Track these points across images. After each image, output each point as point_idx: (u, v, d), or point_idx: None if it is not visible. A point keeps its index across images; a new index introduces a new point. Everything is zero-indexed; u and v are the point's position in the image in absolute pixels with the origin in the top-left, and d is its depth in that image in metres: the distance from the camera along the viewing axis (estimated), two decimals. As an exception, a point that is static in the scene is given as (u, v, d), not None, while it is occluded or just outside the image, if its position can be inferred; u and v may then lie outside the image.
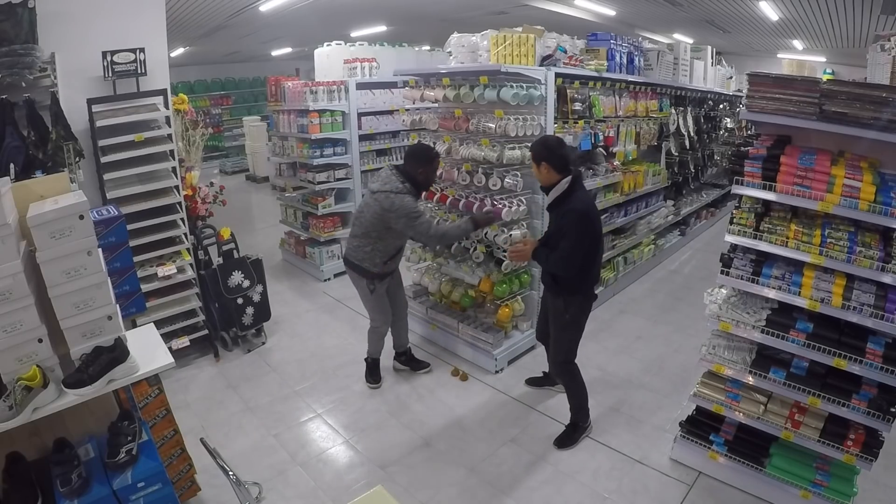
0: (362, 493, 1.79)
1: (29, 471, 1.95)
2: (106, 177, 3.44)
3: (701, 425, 2.86)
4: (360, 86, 5.44)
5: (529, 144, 3.51)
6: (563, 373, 3.11)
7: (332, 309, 4.99)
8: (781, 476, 2.59)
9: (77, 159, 3.16)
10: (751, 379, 2.58)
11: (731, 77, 7.56)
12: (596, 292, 3.10)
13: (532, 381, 3.67)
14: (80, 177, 3.14)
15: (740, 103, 5.46)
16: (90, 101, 3.35)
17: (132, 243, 3.14)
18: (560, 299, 2.96)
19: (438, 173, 3.90)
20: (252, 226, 8.20)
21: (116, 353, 1.96)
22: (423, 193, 3.49)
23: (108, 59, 3.38)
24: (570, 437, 3.13)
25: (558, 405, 3.41)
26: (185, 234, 3.87)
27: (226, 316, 4.14)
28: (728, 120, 7.61)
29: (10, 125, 3.01)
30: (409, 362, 3.88)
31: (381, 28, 8.56)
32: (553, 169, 2.82)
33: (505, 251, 3.64)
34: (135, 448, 2.05)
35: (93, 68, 3.39)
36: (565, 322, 2.97)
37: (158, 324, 2.98)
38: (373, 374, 3.71)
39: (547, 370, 3.58)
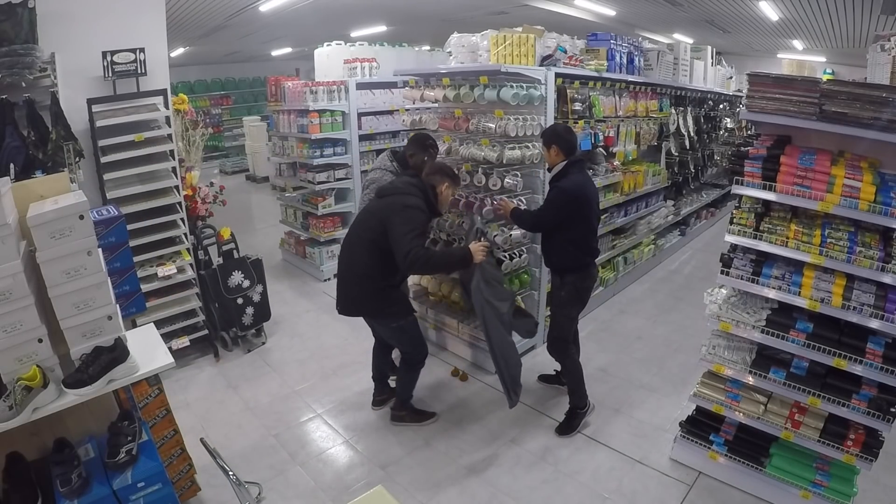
0: (362, 493, 1.79)
1: (29, 471, 1.95)
2: (106, 177, 3.44)
3: (701, 425, 2.86)
4: (360, 86, 5.44)
5: (530, 144, 3.54)
6: (557, 350, 3.25)
7: (332, 309, 4.90)
8: (781, 476, 2.59)
9: (77, 159, 3.16)
10: (751, 379, 2.58)
11: (731, 77, 7.56)
12: (595, 277, 3.28)
13: (544, 378, 3.70)
14: (80, 177, 3.14)
15: (740, 103, 5.47)
16: (90, 101, 3.35)
17: (132, 243, 3.14)
18: (557, 276, 3.17)
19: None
20: (252, 226, 8.20)
21: (116, 353, 1.96)
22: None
23: (108, 59, 3.38)
24: (569, 424, 3.22)
25: (558, 405, 3.41)
26: (185, 234, 3.87)
27: (226, 316, 4.14)
28: (728, 120, 7.61)
29: (10, 125, 3.01)
30: None
31: (381, 28, 8.56)
32: (562, 152, 3.00)
33: (506, 251, 3.64)
34: (135, 448, 2.06)
35: (93, 68, 3.39)
36: (560, 299, 3.16)
37: (158, 324, 2.97)
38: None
39: (559, 368, 3.62)
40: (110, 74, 3.41)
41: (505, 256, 3.63)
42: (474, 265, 2.89)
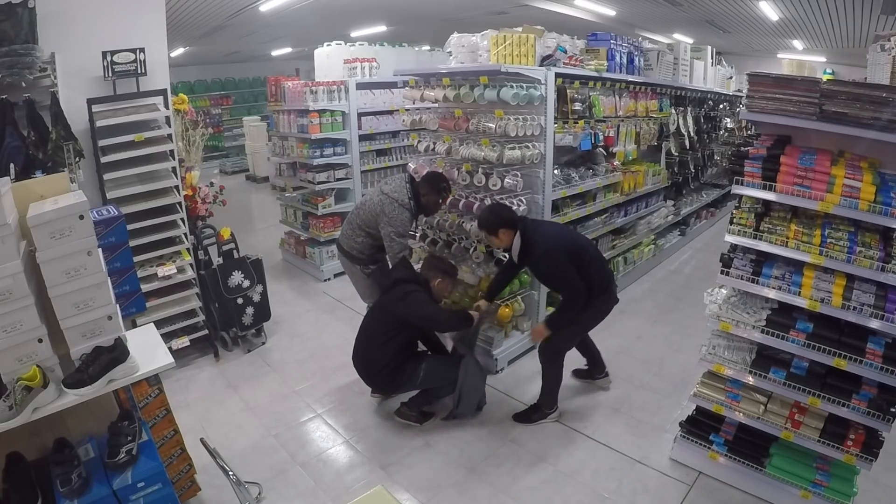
0: (362, 493, 1.80)
1: (29, 471, 1.95)
2: (106, 177, 3.44)
3: (701, 425, 2.86)
4: (360, 86, 5.44)
5: (530, 144, 3.54)
6: (549, 357, 3.20)
7: (332, 309, 4.99)
8: (781, 476, 2.59)
9: (77, 159, 3.16)
10: (751, 379, 2.58)
11: (731, 77, 7.56)
12: (618, 296, 3.34)
13: (577, 373, 3.74)
14: (80, 177, 3.14)
15: (740, 103, 5.46)
16: (90, 101, 3.35)
17: (132, 243, 3.14)
18: None
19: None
20: (252, 226, 8.21)
21: (116, 353, 1.96)
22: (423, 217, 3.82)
23: (108, 59, 3.38)
24: (528, 416, 3.27)
25: (559, 405, 3.41)
26: (185, 234, 3.87)
27: (226, 316, 4.14)
28: (728, 120, 7.61)
29: (10, 125, 3.01)
30: None
31: (381, 28, 8.56)
32: (511, 230, 3.01)
33: (506, 251, 3.64)
34: (135, 448, 2.06)
35: (93, 68, 3.39)
36: (580, 318, 3.11)
37: (158, 324, 2.98)
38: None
39: (588, 364, 3.70)
40: (110, 74, 3.41)
41: (505, 256, 3.62)
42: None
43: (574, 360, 3.64)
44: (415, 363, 3.16)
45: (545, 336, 3.10)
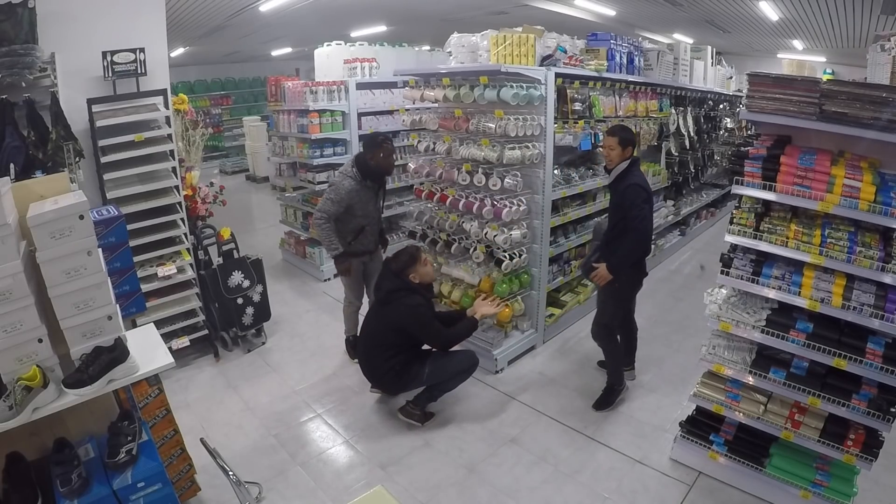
0: (362, 493, 1.80)
1: (29, 471, 1.95)
2: (106, 177, 3.44)
3: (701, 425, 2.86)
4: (360, 86, 5.44)
5: (530, 144, 3.54)
6: (602, 336, 3.40)
7: (332, 309, 4.98)
8: (781, 476, 2.59)
9: (77, 159, 3.16)
10: (751, 379, 2.58)
11: (731, 77, 7.57)
12: (647, 271, 3.41)
13: (603, 364, 3.75)
14: (80, 177, 3.13)
15: (740, 103, 5.46)
16: (90, 101, 3.34)
17: (132, 243, 3.13)
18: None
19: (438, 173, 3.91)
20: (252, 226, 8.21)
21: (116, 353, 1.96)
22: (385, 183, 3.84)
23: (108, 59, 3.38)
24: (606, 400, 3.42)
25: (559, 405, 3.42)
26: (185, 234, 3.87)
27: (226, 316, 4.14)
28: (728, 120, 7.61)
29: (10, 125, 3.01)
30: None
31: (381, 28, 8.56)
32: (630, 153, 3.18)
33: (505, 251, 3.64)
34: (135, 448, 2.06)
35: (93, 68, 3.39)
36: (613, 290, 3.27)
37: (158, 324, 2.97)
38: (355, 348, 3.87)
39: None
40: (110, 74, 3.41)
41: (505, 256, 3.63)
42: None
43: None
44: (420, 362, 3.19)
45: (608, 279, 3.16)
